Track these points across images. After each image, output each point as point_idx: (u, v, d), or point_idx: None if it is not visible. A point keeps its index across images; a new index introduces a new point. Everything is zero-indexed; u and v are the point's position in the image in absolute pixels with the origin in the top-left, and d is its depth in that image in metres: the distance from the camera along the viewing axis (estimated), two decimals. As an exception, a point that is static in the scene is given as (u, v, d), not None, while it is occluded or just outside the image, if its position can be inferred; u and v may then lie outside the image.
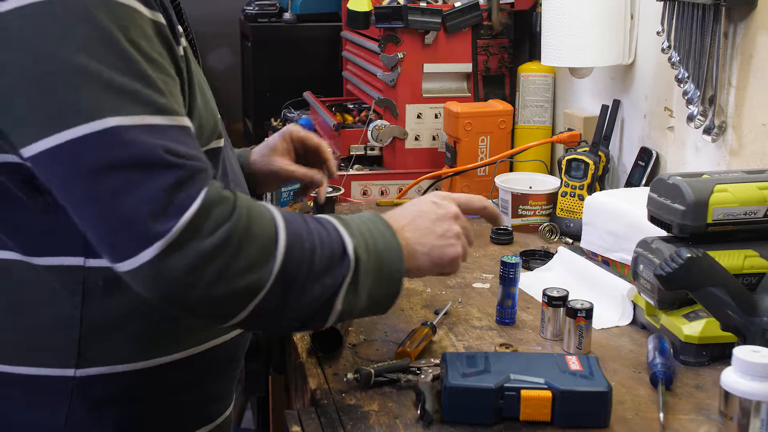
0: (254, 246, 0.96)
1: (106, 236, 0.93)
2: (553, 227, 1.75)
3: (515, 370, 1.07)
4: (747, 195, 1.20)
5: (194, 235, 0.92)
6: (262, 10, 3.20)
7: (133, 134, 0.90)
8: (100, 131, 0.90)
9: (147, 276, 0.92)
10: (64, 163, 0.91)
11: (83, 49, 0.90)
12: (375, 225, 1.08)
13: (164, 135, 0.92)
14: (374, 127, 2.12)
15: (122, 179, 0.90)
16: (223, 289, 0.94)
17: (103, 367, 1.06)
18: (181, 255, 0.91)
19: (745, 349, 0.98)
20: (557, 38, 1.81)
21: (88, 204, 0.92)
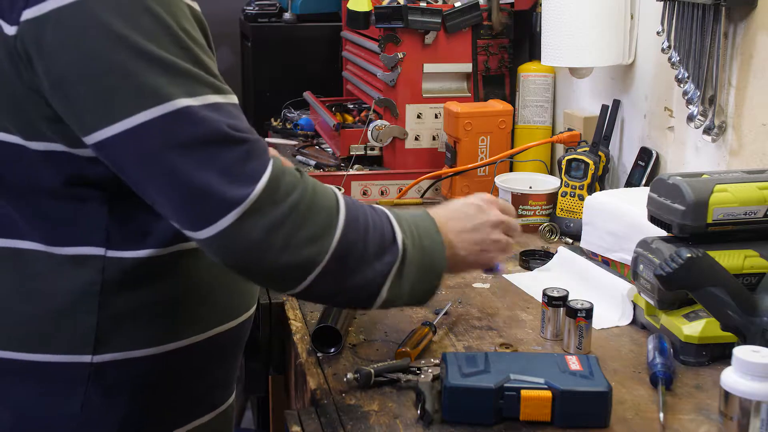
0: (319, 217, 1.03)
1: (184, 207, 0.99)
2: (553, 227, 1.75)
3: (515, 370, 1.07)
4: (747, 195, 1.20)
5: (268, 202, 0.99)
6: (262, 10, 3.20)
7: (202, 113, 0.97)
8: (173, 112, 0.96)
9: (224, 242, 0.98)
10: (139, 143, 0.97)
11: (148, 38, 0.96)
12: (423, 221, 1.14)
13: (225, 112, 0.99)
14: (374, 127, 2.12)
15: (199, 154, 0.97)
16: (288, 257, 1.01)
17: (119, 353, 1.08)
18: (256, 220, 0.98)
19: (745, 349, 0.98)
20: (557, 38, 1.80)
21: (167, 179, 0.98)
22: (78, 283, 1.07)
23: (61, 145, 1.02)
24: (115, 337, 1.08)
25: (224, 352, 1.20)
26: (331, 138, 2.38)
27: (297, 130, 2.62)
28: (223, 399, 1.22)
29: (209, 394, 1.20)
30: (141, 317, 1.09)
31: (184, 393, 1.16)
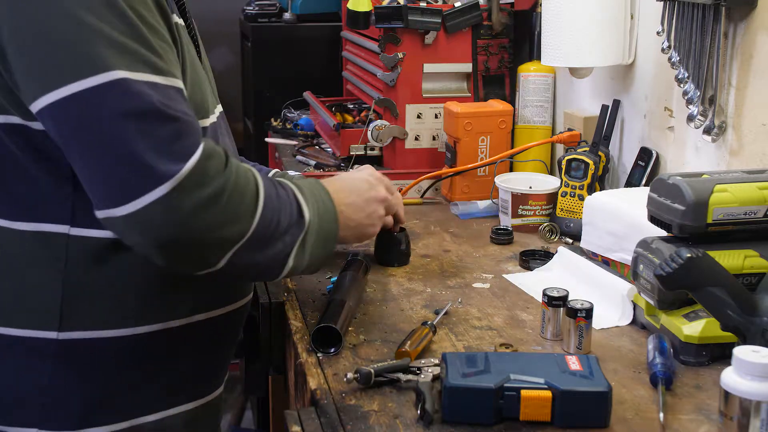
0: (242, 199, 1.07)
1: (111, 178, 0.99)
2: (553, 227, 1.75)
3: (515, 370, 1.07)
4: (747, 195, 1.20)
5: (197, 181, 1.01)
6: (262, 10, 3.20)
7: (138, 87, 0.99)
8: (110, 82, 0.98)
9: (147, 218, 0.99)
10: (74, 112, 0.98)
11: (91, 10, 0.98)
12: (319, 193, 1.23)
13: (161, 92, 1.01)
14: (374, 127, 2.12)
15: (131, 127, 0.98)
16: (211, 236, 1.03)
17: (86, 332, 1.11)
18: (183, 199, 1.00)
19: (745, 349, 0.98)
20: (557, 38, 1.80)
21: (98, 149, 0.98)
22: (42, 259, 1.09)
23: (17, 117, 1.04)
24: (81, 315, 1.10)
25: (202, 343, 1.21)
26: (331, 138, 2.38)
27: (297, 130, 2.62)
28: (204, 391, 1.24)
29: (186, 384, 1.21)
30: (109, 297, 1.11)
31: (157, 380, 1.17)
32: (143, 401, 1.16)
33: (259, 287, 1.48)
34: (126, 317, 1.12)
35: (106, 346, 1.12)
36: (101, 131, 0.98)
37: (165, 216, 0.99)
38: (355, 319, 1.35)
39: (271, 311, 1.42)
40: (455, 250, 1.70)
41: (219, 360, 1.27)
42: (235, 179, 1.06)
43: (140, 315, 1.14)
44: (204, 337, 1.21)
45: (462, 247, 1.71)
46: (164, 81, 1.02)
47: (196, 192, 1.01)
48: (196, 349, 1.21)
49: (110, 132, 0.98)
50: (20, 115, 1.04)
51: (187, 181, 0.99)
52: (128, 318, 1.13)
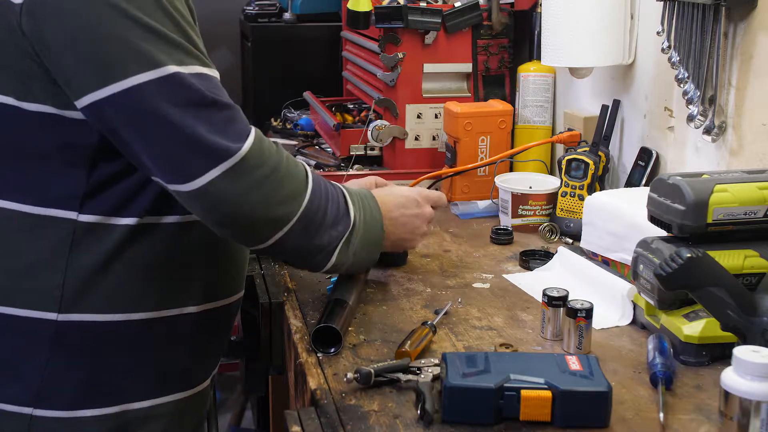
0: (293, 182, 1.17)
1: (176, 157, 1.08)
2: (553, 227, 1.75)
3: (515, 370, 1.07)
4: (747, 195, 1.20)
5: (254, 160, 1.10)
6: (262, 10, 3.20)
7: (190, 80, 1.07)
8: (164, 76, 1.05)
9: (210, 193, 1.08)
10: (132, 103, 1.05)
11: (143, 11, 1.05)
12: (368, 201, 1.32)
13: (210, 83, 1.10)
14: (374, 127, 2.12)
15: (190, 114, 1.06)
16: (265, 212, 1.14)
17: (84, 314, 1.14)
18: (242, 176, 1.09)
19: (745, 349, 0.98)
20: (557, 38, 1.80)
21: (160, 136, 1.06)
22: (47, 242, 1.12)
23: (51, 107, 1.08)
24: (81, 299, 1.13)
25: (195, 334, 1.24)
26: (331, 138, 2.38)
27: (297, 130, 2.62)
28: (193, 382, 1.27)
29: (177, 373, 1.24)
30: (109, 283, 1.14)
31: (149, 367, 1.20)
32: (135, 387, 1.19)
33: (259, 287, 1.48)
34: (124, 303, 1.16)
35: (103, 330, 1.15)
36: (162, 121, 1.05)
37: (225, 192, 1.09)
38: (355, 319, 1.35)
39: (271, 311, 1.42)
40: (455, 250, 1.70)
41: (209, 352, 1.30)
42: (286, 162, 1.16)
43: (137, 302, 1.17)
44: (197, 328, 1.24)
45: (462, 247, 1.71)
46: (208, 72, 1.11)
47: (254, 170, 1.10)
48: (189, 339, 1.23)
49: (171, 121, 1.05)
50: (55, 105, 1.08)
51: (245, 159, 1.09)
52: (126, 304, 1.16)
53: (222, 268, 1.27)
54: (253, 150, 1.10)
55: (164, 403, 1.22)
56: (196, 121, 1.06)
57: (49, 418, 1.14)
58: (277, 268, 1.58)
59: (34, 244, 1.12)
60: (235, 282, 1.31)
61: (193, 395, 1.27)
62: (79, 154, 1.11)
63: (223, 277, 1.27)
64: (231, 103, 1.11)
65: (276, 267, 1.59)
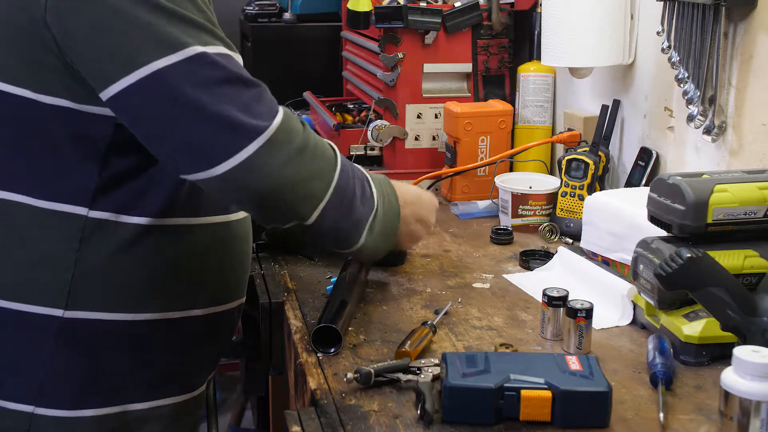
0: (323, 158, 1.17)
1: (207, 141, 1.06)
2: (553, 227, 1.75)
3: (515, 370, 1.07)
4: (747, 195, 1.20)
5: (284, 137, 1.10)
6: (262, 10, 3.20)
7: (215, 59, 1.07)
8: (191, 56, 1.05)
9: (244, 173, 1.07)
10: (160, 87, 1.04)
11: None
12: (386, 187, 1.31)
13: (235, 63, 1.10)
14: (374, 127, 2.12)
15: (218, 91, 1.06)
16: (300, 189, 1.13)
17: (90, 312, 1.14)
18: (274, 153, 1.08)
19: (745, 349, 0.98)
20: (557, 38, 1.80)
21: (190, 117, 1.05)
22: (57, 237, 1.12)
23: (68, 101, 1.09)
24: (87, 296, 1.13)
25: (197, 337, 1.24)
26: (331, 138, 2.37)
27: (297, 130, 2.61)
28: (192, 385, 1.27)
29: (177, 375, 1.24)
30: (116, 281, 1.14)
31: (151, 368, 1.20)
32: (136, 388, 1.19)
33: (259, 287, 1.48)
34: (129, 302, 1.16)
35: (107, 329, 1.15)
36: (190, 100, 1.05)
37: (259, 170, 1.08)
38: (355, 319, 1.35)
39: (271, 311, 1.42)
40: (455, 250, 1.70)
41: (210, 356, 1.30)
42: (314, 139, 1.17)
43: (143, 302, 1.17)
44: (200, 331, 1.24)
45: (462, 247, 1.71)
46: (232, 53, 1.11)
47: (285, 146, 1.10)
48: (191, 342, 1.23)
49: (199, 100, 1.05)
50: (72, 98, 1.09)
51: (276, 136, 1.09)
52: (131, 303, 1.16)
53: (227, 272, 1.27)
54: (283, 126, 1.10)
55: (163, 405, 1.22)
56: (225, 99, 1.06)
57: (50, 416, 1.14)
58: (277, 268, 1.58)
59: (44, 239, 1.12)
60: (239, 286, 1.31)
61: (192, 398, 1.27)
62: (93, 148, 1.11)
63: (227, 281, 1.27)
64: (257, 81, 1.12)
65: (276, 267, 1.59)
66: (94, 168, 1.11)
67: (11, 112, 1.10)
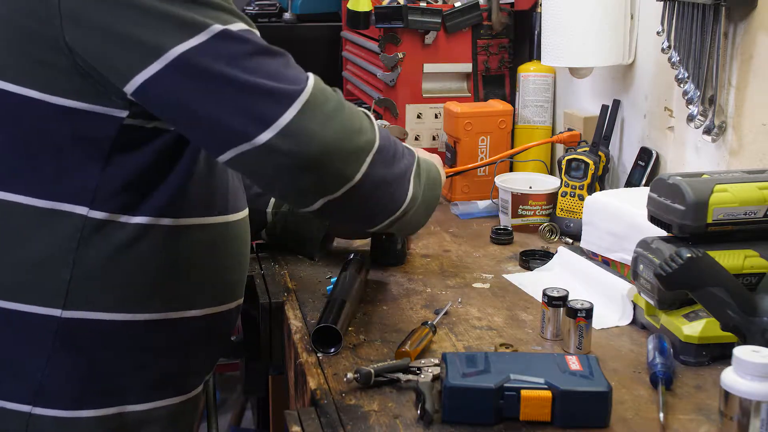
0: (359, 114, 1.17)
1: (245, 112, 1.07)
2: (553, 227, 1.75)
3: (515, 370, 1.07)
4: (747, 195, 1.20)
5: (319, 98, 1.10)
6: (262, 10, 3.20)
7: (239, 34, 1.08)
8: (215, 35, 1.06)
9: (288, 137, 1.07)
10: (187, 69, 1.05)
11: None
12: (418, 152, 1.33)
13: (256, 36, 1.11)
14: (374, 127, 2.12)
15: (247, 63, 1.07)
16: (346, 145, 1.13)
17: (88, 312, 1.13)
18: (314, 113, 1.09)
19: (745, 349, 0.98)
20: (557, 38, 1.80)
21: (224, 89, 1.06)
22: (56, 237, 1.12)
23: (74, 100, 1.08)
24: (86, 296, 1.13)
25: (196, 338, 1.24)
26: (331, 138, 2.37)
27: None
28: (190, 387, 1.27)
29: (176, 377, 1.24)
30: (115, 281, 1.14)
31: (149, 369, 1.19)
32: (134, 389, 1.19)
33: (259, 287, 1.48)
34: (128, 303, 1.15)
35: (106, 329, 1.14)
36: (221, 75, 1.05)
37: (302, 134, 1.08)
38: (355, 319, 1.35)
39: (271, 311, 1.42)
40: (455, 250, 1.70)
41: (208, 357, 1.30)
42: (344, 98, 1.17)
43: (142, 302, 1.16)
44: (199, 332, 1.23)
45: (462, 247, 1.71)
46: (252, 29, 1.11)
47: (322, 106, 1.10)
48: (190, 343, 1.23)
49: (230, 74, 1.05)
50: (77, 98, 1.08)
51: (312, 97, 1.09)
52: (131, 304, 1.15)
53: (226, 273, 1.26)
54: (317, 87, 1.11)
55: (161, 407, 1.21)
56: (255, 70, 1.07)
57: (48, 417, 1.14)
58: (277, 268, 1.58)
59: (42, 238, 1.12)
60: (237, 287, 1.31)
61: (189, 399, 1.26)
62: (95, 148, 1.11)
63: (226, 282, 1.27)
64: (282, 51, 1.12)
65: (276, 267, 1.59)
66: (95, 168, 1.11)
67: (12, 112, 1.10)
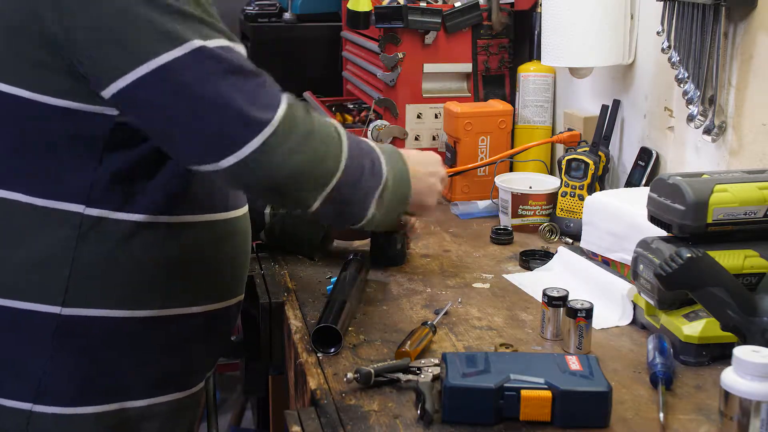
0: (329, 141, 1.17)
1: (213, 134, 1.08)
2: (553, 227, 1.75)
3: (515, 370, 1.07)
4: (747, 195, 1.20)
5: (289, 125, 1.11)
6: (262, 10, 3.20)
7: (217, 51, 1.08)
8: (193, 50, 1.06)
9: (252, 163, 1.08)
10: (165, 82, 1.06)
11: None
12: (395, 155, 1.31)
13: (236, 54, 1.11)
14: (374, 127, 2.12)
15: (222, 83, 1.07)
16: (308, 176, 1.14)
17: (87, 309, 1.14)
18: (281, 141, 1.09)
19: (745, 349, 0.98)
20: (557, 38, 1.80)
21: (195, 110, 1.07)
22: (54, 235, 1.12)
23: (68, 100, 1.09)
24: (85, 293, 1.13)
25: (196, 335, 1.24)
26: (331, 138, 2.37)
27: (297, 130, 2.61)
28: (190, 383, 1.27)
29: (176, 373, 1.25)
30: (114, 278, 1.14)
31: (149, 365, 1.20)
32: (134, 386, 1.19)
33: (259, 287, 1.48)
34: (128, 300, 1.16)
35: (106, 327, 1.15)
36: (195, 93, 1.06)
37: (264, 163, 1.09)
38: (355, 319, 1.35)
39: (271, 311, 1.42)
40: (455, 250, 1.70)
41: (208, 354, 1.30)
42: (318, 123, 1.17)
43: (141, 299, 1.17)
44: (198, 329, 1.24)
45: (462, 247, 1.71)
46: (233, 44, 1.12)
47: (289, 136, 1.10)
48: (190, 340, 1.24)
49: (203, 92, 1.06)
50: (69, 98, 1.09)
51: (281, 127, 1.09)
52: (130, 301, 1.16)
53: (226, 269, 1.27)
54: (288, 115, 1.11)
55: (161, 403, 1.22)
56: (229, 90, 1.07)
57: (49, 414, 1.15)
58: (277, 268, 1.58)
59: (41, 236, 1.13)
60: (238, 284, 1.31)
61: (189, 396, 1.27)
62: (90, 146, 1.11)
63: (226, 279, 1.27)
64: (259, 71, 1.13)
65: (276, 267, 1.59)
66: (90, 165, 1.12)
67: (8, 112, 1.11)
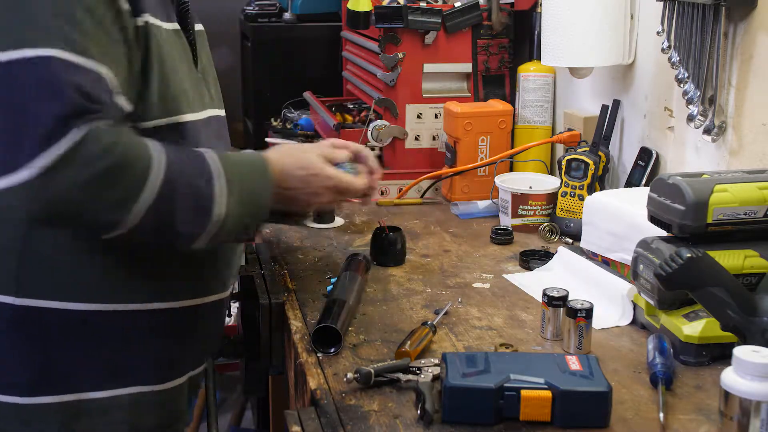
0: (119, 189, 1.04)
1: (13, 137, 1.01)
2: (553, 227, 1.75)
3: (515, 370, 1.07)
4: (747, 195, 1.20)
5: (67, 164, 1.00)
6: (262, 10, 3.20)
7: (30, 62, 1.01)
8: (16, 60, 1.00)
9: (37, 187, 1.00)
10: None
11: None
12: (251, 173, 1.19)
13: (76, 72, 1.02)
14: (374, 127, 2.12)
15: (19, 100, 1.00)
16: (89, 217, 1.05)
17: (41, 300, 1.14)
18: (67, 174, 1.00)
19: (745, 349, 0.98)
20: (557, 38, 1.80)
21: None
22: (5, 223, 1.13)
23: None
24: (38, 284, 1.14)
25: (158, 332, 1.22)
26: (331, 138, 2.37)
27: (297, 130, 2.61)
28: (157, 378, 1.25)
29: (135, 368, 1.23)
30: (67, 269, 1.14)
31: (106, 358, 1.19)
32: (91, 377, 1.19)
33: (259, 287, 1.48)
34: (82, 292, 1.15)
35: (61, 318, 1.15)
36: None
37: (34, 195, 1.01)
38: (355, 319, 1.35)
39: (271, 311, 1.42)
40: (455, 250, 1.70)
41: (183, 351, 1.28)
42: (123, 160, 1.04)
43: (95, 293, 1.16)
44: (161, 326, 1.22)
45: (462, 247, 1.71)
46: (82, 61, 1.03)
47: (81, 169, 1.01)
48: (153, 335, 1.22)
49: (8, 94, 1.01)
50: None
51: (59, 163, 1.00)
52: (84, 293, 1.16)
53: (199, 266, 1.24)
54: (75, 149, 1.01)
55: (121, 395, 1.21)
56: (23, 110, 1.01)
57: (9, 404, 1.16)
58: (277, 268, 1.58)
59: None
60: (218, 282, 1.29)
61: (160, 391, 1.25)
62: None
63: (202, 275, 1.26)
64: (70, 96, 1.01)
65: (276, 267, 1.59)
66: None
67: None
